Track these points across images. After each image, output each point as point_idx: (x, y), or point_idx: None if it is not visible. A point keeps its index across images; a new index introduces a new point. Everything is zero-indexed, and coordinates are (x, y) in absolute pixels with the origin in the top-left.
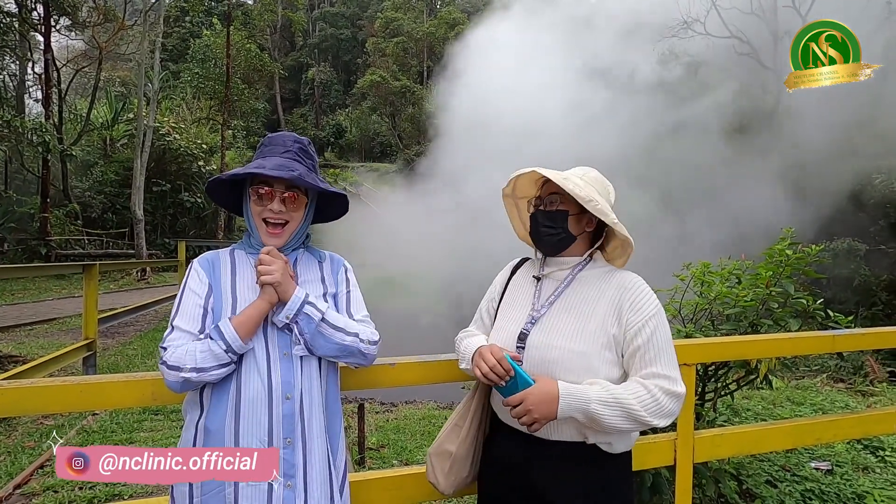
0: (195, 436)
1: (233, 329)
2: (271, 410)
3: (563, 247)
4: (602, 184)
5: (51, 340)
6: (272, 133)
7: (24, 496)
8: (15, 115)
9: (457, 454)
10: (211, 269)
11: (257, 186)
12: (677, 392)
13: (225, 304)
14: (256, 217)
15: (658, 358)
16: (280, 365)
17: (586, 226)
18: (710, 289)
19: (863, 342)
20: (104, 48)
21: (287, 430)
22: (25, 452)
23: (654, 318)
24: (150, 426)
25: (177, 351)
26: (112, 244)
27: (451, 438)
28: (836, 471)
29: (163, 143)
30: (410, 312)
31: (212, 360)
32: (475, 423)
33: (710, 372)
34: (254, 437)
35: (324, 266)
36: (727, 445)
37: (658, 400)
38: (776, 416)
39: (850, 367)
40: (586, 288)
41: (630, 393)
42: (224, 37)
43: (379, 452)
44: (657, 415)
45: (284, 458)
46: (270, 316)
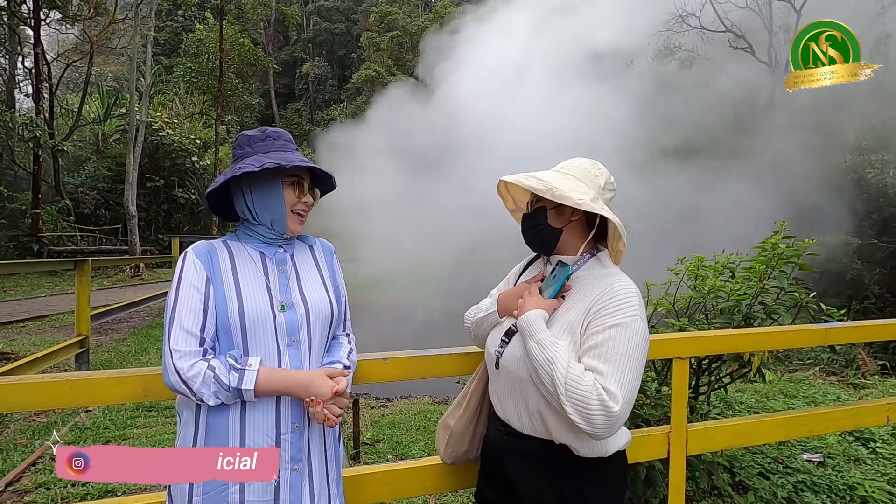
0: (196, 432)
1: (253, 394)
2: (279, 397)
3: (552, 241)
4: (586, 171)
5: (43, 337)
6: (271, 128)
7: (17, 493)
8: (5, 109)
9: (454, 429)
10: (209, 259)
11: (293, 179)
12: (610, 408)
13: (229, 296)
14: (289, 207)
15: (604, 368)
16: (289, 352)
17: (571, 216)
18: (704, 282)
19: (855, 335)
20: (95, 42)
21: (296, 414)
22: (18, 450)
23: (615, 328)
24: (143, 422)
25: (193, 369)
26: (105, 240)
27: (453, 414)
28: (828, 462)
29: (156, 138)
30: (405, 306)
31: (221, 400)
32: (472, 404)
33: (704, 365)
34: (261, 426)
35: (315, 251)
36: (720, 438)
37: (587, 398)
38: (769, 408)
39: (842, 360)
40: (577, 286)
41: (571, 370)
42: (217, 31)
43: (374, 447)
44: (577, 410)
45: (292, 443)
46: (280, 316)
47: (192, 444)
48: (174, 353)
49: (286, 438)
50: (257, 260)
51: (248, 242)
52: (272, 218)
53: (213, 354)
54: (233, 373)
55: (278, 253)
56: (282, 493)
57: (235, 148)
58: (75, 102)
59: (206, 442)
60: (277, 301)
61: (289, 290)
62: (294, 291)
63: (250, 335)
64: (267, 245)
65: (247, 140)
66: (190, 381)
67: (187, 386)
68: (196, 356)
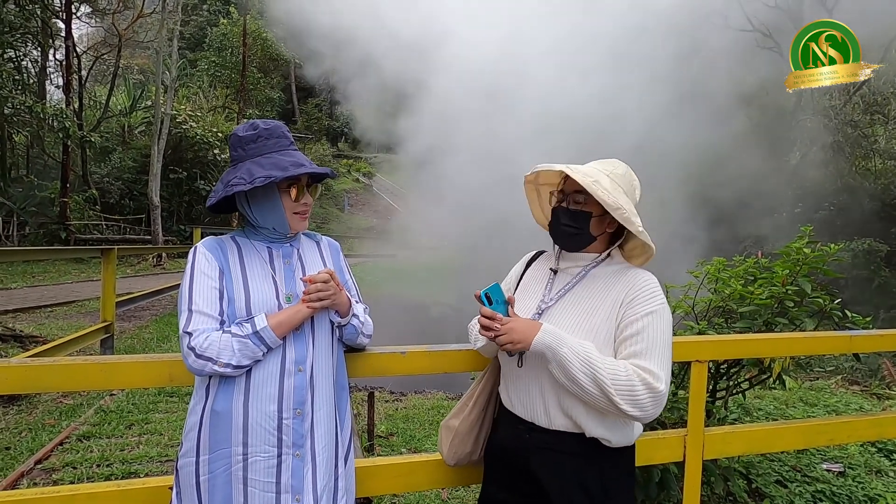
0: (201, 420)
1: (272, 332)
2: (282, 383)
3: (583, 245)
4: (629, 182)
5: (70, 322)
6: (263, 122)
7: (45, 471)
8: (36, 101)
9: (458, 430)
10: (219, 251)
11: (292, 184)
12: (656, 387)
13: (237, 290)
14: (289, 212)
15: (646, 352)
16: (293, 339)
17: (608, 227)
18: (725, 286)
19: (880, 344)
20: (123, 36)
21: (297, 401)
22: (45, 429)
23: (651, 315)
24: (165, 407)
25: (207, 340)
26: (129, 230)
27: (458, 415)
28: (849, 473)
29: (179, 130)
30: (419, 302)
31: (249, 359)
32: (479, 405)
33: (723, 370)
34: (263, 412)
35: (321, 248)
36: (738, 443)
37: (632, 384)
38: (788, 416)
39: (866, 369)
40: (597, 284)
41: (607, 363)
42: (241, 25)
43: (388, 440)
44: (626, 398)
45: (294, 429)
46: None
47: (198, 430)
48: (188, 337)
49: (287, 423)
50: (265, 254)
51: (255, 239)
52: (274, 224)
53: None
54: (244, 324)
55: (285, 247)
56: (283, 476)
57: (230, 148)
58: (103, 94)
59: (211, 428)
60: (283, 293)
61: (294, 282)
62: (299, 283)
63: None
64: (273, 242)
65: (238, 141)
66: (208, 352)
67: (208, 359)
68: (211, 331)
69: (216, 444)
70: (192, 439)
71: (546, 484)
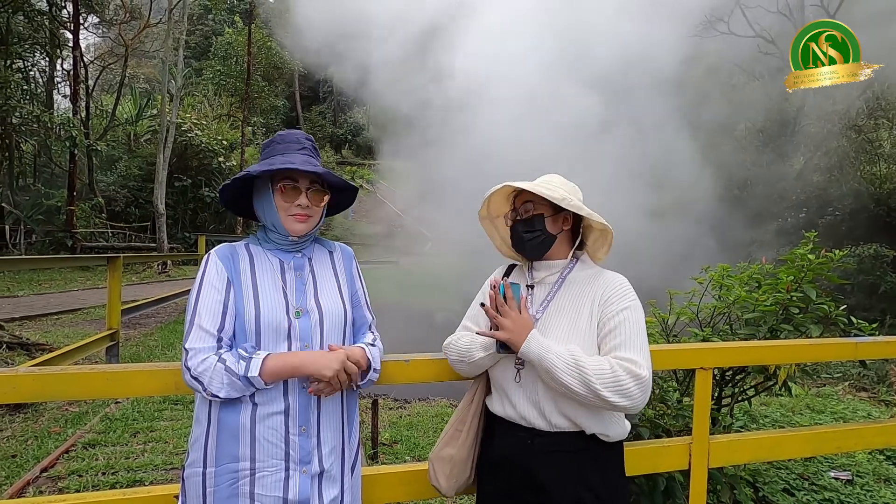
0: (207, 430)
1: (262, 381)
2: (287, 399)
3: (546, 248)
4: (567, 184)
5: (76, 329)
6: (283, 131)
7: (51, 479)
8: (44, 110)
9: (457, 457)
10: (230, 262)
11: (284, 182)
12: (640, 374)
13: (246, 300)
14: (282, 212)
15: (625, 343)
16: None
17: (563, 224)
18: (729, 293)
19: (887, 351)
20: (130, 45)
21: (303, 418)
22: (51, 437)
23: (626, 311)
24: (170, 415)
25: (203, 364)
26: (135, 237)
27: (452, 443)
28: (857, 481)
29: (185, 139)
30: (423, 309)
31: (237, 393)
32: (474, 426)
33: (728, 377)
34: (270, 426)
35: (335, 257)
36: (744, 451)
37: (618, 376)
38: (795, 423)
39: (873, 375)
40: (575, 289)
41: (591, 362)
42: (245, 35)
43: (392, 448)
44: (614, 390)
45: (301, 445)
46: (294, 316)
47: (204, 441)
48: (188, 353)
49: (294, 439)
50: (276, 266)
51: (268, 248)
52: (271, 221)
53: (227, 349)
54: (241, 362)
55: (296, 258)
56: (290, 492)
57: None
58: (109, 103)
59: (218, 439)
60: (293, 307)
61: (304, 296)
62: (309, 297)
63: (264, 339)
64: (285, 252)
65: (265, 145)
66: (201, 377)
67: (199, 381)
68: (209, 352)
69: (222, 457)
70: (199, 450)
71: (548, 484)
